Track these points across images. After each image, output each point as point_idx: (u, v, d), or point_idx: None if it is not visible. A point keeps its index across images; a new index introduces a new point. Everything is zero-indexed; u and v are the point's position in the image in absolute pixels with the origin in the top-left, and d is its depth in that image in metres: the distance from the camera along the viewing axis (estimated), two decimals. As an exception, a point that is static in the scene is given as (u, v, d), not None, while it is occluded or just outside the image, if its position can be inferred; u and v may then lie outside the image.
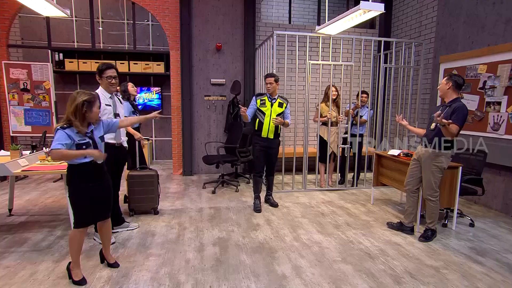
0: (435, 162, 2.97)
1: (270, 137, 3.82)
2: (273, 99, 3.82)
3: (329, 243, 3.02)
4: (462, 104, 2.87)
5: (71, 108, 2.11)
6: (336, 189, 4.89)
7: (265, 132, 3.81)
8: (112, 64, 2.89)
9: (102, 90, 2.83)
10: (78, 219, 2.23)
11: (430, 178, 3.01)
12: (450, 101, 2.94)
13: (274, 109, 3.78)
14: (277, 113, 3.78)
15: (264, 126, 3.80)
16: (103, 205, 2.36)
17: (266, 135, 3.82)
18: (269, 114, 3.77)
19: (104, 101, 2.78)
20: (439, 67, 4.82)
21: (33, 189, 4.69)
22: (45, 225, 3.30)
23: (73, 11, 6.21)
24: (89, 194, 2.23)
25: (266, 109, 3.79)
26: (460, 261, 2.70)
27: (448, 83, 2.92)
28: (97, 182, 2.27)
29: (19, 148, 3.29)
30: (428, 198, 3.06)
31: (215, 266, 2.55)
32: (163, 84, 6.69)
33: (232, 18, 5.56)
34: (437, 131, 2.93)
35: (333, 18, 3.68)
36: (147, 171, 3.63)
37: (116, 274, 2.40)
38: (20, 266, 2.49)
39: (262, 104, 3.81)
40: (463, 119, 2.82)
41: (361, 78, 4.90)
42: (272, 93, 3.80)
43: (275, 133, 3.83)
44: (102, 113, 2.76)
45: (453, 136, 2.84)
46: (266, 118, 3.78)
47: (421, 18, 5.34)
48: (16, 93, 5.18)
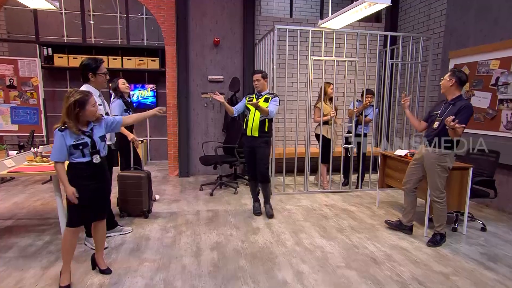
0: (439, 162, 2.98)
1: (254, 135, 3.65)
2: (260, 96, 3.71)
3: (332, 247, 3.01)
4: (468, 103, 2.90)
5: (64, 109, 2.15)
6: (339, 191, 4.89)
7: (249, 130, 3.68)
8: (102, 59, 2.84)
9: (91, 88, 2.73)
10: (73, 217, 2.26)
11: (436, 179, 3.02)
12: (453, 98, 2.95)
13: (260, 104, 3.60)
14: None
15: (248, 124, 3.68)
16: (101, 205, 2.40)
17: (250, 133, 3.68)
18: (253, 110, 3.65)
19: (96, 101, 2.73)
20: (448, 62, 4.82)
21: (20, 192, 4.68)
22: (33, 230, 3.29)
23: (62, 3, 6.19)
24: (87, 193, 2.24)
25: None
26: (471, 268, 2.70)
27: (451, 80, 2.92)
28: (96, 181, 2.29)
29: (5, 148, 3.28)
30: (435, 199, 3.07)
31: (212, 272, 2.55)
32: (158, 81, 6.69)
33: (230, 11, 5.56)
34: (440, 130, 2.95)
35: (337, 11, 3.67)
36: (137, 172, 3.64)
37: (108, 281, 2.39)
38: (6, 273, 2.48)
39: (249, 101, 3.66)
40: (469, 119, 2.84)
41: (366, 74, 4.89)
42: (261, 90, 3.69)
43: (260, 131, 3.63)
44: None
45: (458, 137, 2.85)
46: (251, 115, 3.66)
47: (429, 11, 5.34)
48: (2, 90, 5.17)
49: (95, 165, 2.27)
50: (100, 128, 2.33)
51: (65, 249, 2.28)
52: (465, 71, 4.51)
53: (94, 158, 2.25)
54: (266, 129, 3.65)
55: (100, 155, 2.30)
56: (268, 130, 3.67)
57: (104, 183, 2.39)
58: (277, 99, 3.69)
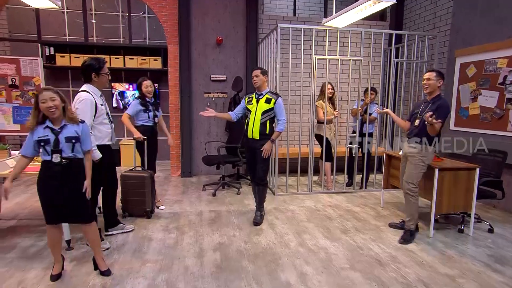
0: (420, 156, 3.14)
1: (255, 137, 3.51)
2: (260, 95, 3.55)
3: (336, 249, 3.01)
4: (446, 101, 3.11)
5: None
6: (343, 192, 4.88)
7: (250, 133, 3.56)
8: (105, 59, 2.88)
9: (92, 88, 2.76)
10: (44, 214, 2.32)
11: (412, 170, 3.17)
12: (434, 98, 3.12)
13: (260, 105, 3.50)
14: (263, 110, 3.47)
15: (249, 126, 3.56)
16: (69, 208, 2.31)
17: (251, 136, 3.55)
18: (254, 111, 3.52)
19: (98, 101, 2.75)
20: (454, 61, 4.80)
21: (22, 192, 4.71)
22: (34, 230, 3.31)
23: (64, 2, 6.22)
24: (49, 193, 2.26)
25: (251, 106, 3.57)
26: (478, 270, 2.68)
27: (440, 80, 3.08)
28: (60, 182, 2.23)
29: (8, 148, 3.30)
30: (407, 192, 3.20)
31: (215, 273, 2.55)
32: (160, 80, 6.70)
33: (233, 10, 5.56)
34: (420, 127, 3.12)
35: (341, 10, 3.67)
36: (140, 172, 3.63)
37: (111, 282, 2.40)
38: (8, 274, 2.49)
39: (248, 102, 3.61)
40: (445, 116, 3.03)
41: (370, 73, 4.87)
42: (260, 87, 3.52)
43: (261, 134, 3.49)
44: (98, 114, 2.75)
45: (436, 133, 3.03)
46: (251, 116, 3.54)
47: (435, 9, 5.32)
48: (4, 90, 5.20)
49: (56, 165, 2.21)
50: (72, 129, 2.25)
51: (48, 243, 2.43)
52: (472, 70, 4.48)
53: (54, 157, 2.20)
54: (267, 131, 3.52)
55: (62, 155, 2.21)
56: (270, 132, 3.54)
57: (70, 184, 2.27)
58: (280, 102, 3.52)
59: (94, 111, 2.71)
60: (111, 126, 2.93)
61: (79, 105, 2.66)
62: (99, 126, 2.80)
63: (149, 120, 3.84)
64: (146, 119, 3.82)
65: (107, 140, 2.89)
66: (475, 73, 4.44)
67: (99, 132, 2.81)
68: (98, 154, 2.66)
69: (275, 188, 4.78)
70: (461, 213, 3.51)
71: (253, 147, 3.55)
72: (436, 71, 3.10)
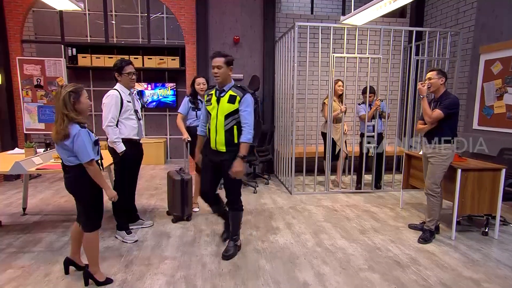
0: (439, 156, 3.10)
1: (220, 149, 2.62)
2: (222, 92, 2.62)
3: (354, 249, 2.97)
4: (454, 98, 3.05)
5: (60, 103, 2.07)
6: (361, 192, 4.81)
7: (213, 143, 2.64)
8: (130, 60, 3.07)
9: (121, 86, 2.99)
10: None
11: (434, 170, 3.13)
12: (441, 95, 3.09)
13: (222, 106, 2.58)
14: (226, 113, 2.56)
15: (211, 134, 2.65)
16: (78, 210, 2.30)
17: (214, 147, 2.64)
18: (215, 115, 2.61)
19: (124, 98, 2.95)
20: (479, 58, 4.64)
21: (46, 188, 4.88)
22: (59, 225, 3.43)
23: (86, 5, 6.40)
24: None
25: (211, 107, 2.64)
26: (504, 274, 2.59)
27: (442, 78, 3.07)
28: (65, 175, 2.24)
29: (34, 146, 3.42)
30: (429, 192, 3.16)
31: (233, 272, 2.57)
32: (178, 79, 6.79)
33: (250, 9, 5.57)
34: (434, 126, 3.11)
35: (359, 7, 3.61)
36: (175, 175, 3.56)
37: (131, 277, 2.46)
38: (35, 266, 2.59)
39: (208, 101, 2.69)
40: (447, 108, 2.98)
41: (389, 71, 4.77)
42: (222, 82, 2.60)
43: (227, 144, 2.60)
44: (124, 109, 2.94)
45: (429, 118, 3.05)
46: (212, 122, 2.62)
47: (458, 5, 5.15)
48: (30, 90, 5.40)
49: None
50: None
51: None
52: (498, 66, 4.32)
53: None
54: (235, 140, 2.60)
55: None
56: (238, 141, 2.60)
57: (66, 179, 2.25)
58: (249, 100, 2.59)
59: (120, 106, 2.90)
60: (138, 122, 3.07)
61: (105, 100, 2.89)
62: (125, 121, 2.97)
63: (197, 119, 3.69)
64: (194, 117, 3.73)
65: (133, 134, 3.02)
66: (501, 70, 4.28)
67: (124, 126, 2.97)
68: (122, 147, 2.87)
69: (292, 188, 4.76)
70: (486, 215, 3.40)
71: (217, 161, 2.68)
72: (437, 70, 3.12)
